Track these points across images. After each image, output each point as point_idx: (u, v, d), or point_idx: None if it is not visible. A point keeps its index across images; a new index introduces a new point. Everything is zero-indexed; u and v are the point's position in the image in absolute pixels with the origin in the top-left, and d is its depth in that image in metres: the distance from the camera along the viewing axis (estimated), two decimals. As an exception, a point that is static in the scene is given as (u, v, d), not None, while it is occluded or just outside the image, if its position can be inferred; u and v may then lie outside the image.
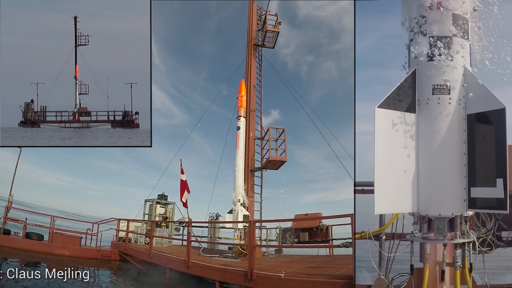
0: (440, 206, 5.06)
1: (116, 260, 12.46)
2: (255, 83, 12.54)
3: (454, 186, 5.02)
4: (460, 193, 5.01)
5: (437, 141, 5.10)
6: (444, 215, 5.06)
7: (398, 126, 5.11)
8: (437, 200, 5.07)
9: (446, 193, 5.05)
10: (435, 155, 5.09)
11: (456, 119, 5.08)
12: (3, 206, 11.98)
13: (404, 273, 6.30)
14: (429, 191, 5.11)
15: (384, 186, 4.95)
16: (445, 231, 5.07)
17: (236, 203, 10.76)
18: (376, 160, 4.92)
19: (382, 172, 4.95)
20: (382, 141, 4.96)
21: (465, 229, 5.15)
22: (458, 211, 5.04)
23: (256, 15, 13.14)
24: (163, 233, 13.63)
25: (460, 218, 5.09)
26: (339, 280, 6.31)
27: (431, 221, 5.20)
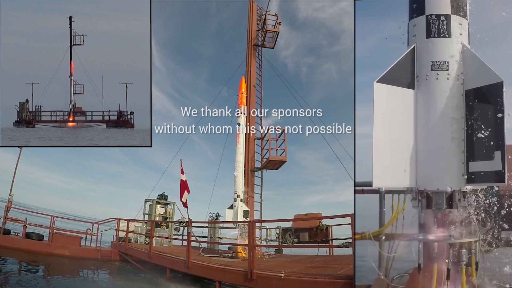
0: (439, 181, 5.11)
1: (116, 260, 12.46)
2: (255, 83, 12.55)
3: (453, 161, 5.08)
4: (459, 168, 5.07)
5: (435, 116, 5.16)
6: (443, 189, 5.11)
7: (396, 101, 5.18)
8: (435, 175, 5.12)
9: (444, 168, 5.10)
10: (434, 130, 5.15)
11: (454, 95, 5.14)
12: (3, 207, 11.96)
13: (404, 273, 6.31)
14: (427, 166, 5.16)
15: (382, 160, 5.02)
16: (443, 206, 5.10)
17: (236, 198, 10.80)
18: (375, 134, 4.98)
19: (381, 146, 5.02)
20: (381, 115, 5.03)
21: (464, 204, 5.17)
22: (456, 186, 5.09)
23: (256, 15, 13.15)
24: (163, 233, 13.63)
25: (459, 193, 5.12)
26: (339, 280, 6.31)
27: (430, 197, 5.21)
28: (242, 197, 10.83)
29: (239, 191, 10.87)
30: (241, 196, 10.82)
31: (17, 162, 11.79)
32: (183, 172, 11.24)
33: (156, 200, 14.04)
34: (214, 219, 11.97)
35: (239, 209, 10.71)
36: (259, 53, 12.99)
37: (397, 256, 6.86)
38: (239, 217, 10.65)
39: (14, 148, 11.73)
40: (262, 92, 12.64)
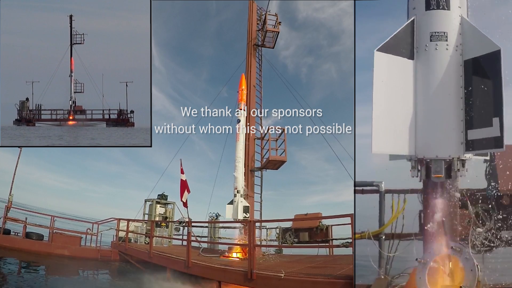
0: (438, 149, 5.18)
1: (116, 260, 12.46)
2: (255, 83, 12.55)
3: (452, 129, 5.16)
4: (457, 136, 5.15)
5: (434, 86, 5.25)
6: (442, 157, 5.17)
7: (396, 70, 5.27)
8: (434, 142, 5.20)
9: (443, 135, 5.18)
10: (433, 99, 5.23)
11: (453, 65, 5.23)
12: (3, 208, 11.95)
13: (404, 273, 6.31)
14: (426, 134, 5.24)
15: (381, 126, 5.11)
16: (442, 174, 5.13)
17: (237, 194, 10.81)
18: (375, 101, 5.08)
19: (380, 113, 5.10)
20: (381, 83, 5.11)
21: (463, 173, 5.19)
22: (455, 153, 5.16)
23: (256, 15, 13.16)
24: (163, 233, 13.63)
25: (458, 161, 5.16)
26: (339, 280, 6.31)
27: (429, 167, 5.22)
28: (242, 193, 10.84)
29: (239, 186, 10.89)
30: (241, 191, 10.83)
31: (17, 162, 11.79)
32: (183, 172, 11.24)
33: (156, 200, 14.03)
34: (214, 219, 11.97)
35: (239, 204, 10.73)
36: (259, 53, 13.00)
37: (397, 255, 6.87)
38: (239, 213, 10.67)
39: (14, 148, 11.72)
40: (262, 92, 12.65)
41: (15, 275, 10.98)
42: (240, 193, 10.80)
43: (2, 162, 12.34)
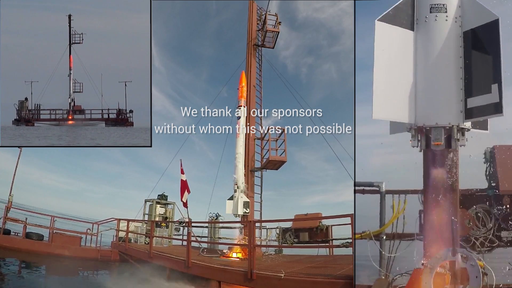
0: (437, 116, 5.28)
1: (116, 260, 12.45)
2: (255, 83, 12.55)
3: (451, 98, 5.26)
4: (457, 105, 5.25)
5: (434, 56, 5.37)
6: (441, 124, 5.26)
7: (397, 40, 5.40)
8: (434, 110, 5.30)
9: (443, 104, 5.28)
10: (432, 69, 5.35)
11: (452, 36, 5.35)
12: (3, 208, 11.94)
13: (404, 273, 6.31)
14: (426, 102, 5.35)
15: (382, 93, 5.22)
16: (442, 141, 5.19)
17: (237, 189, 10.82)
18: (375, 69, 5.20)
19: (381, 80, 5.21)
20: (381, 51, 5.24)
21: (462, 143, 5.25)
22: (455, 121, 5.24)
23: (256, 15, 13.16)
24: (163, 233, 13.63)
25: (457, 129, 5.24)
26: (339, 280, 6.32)
27: (429, 137, 5.30)
28: (242, 188, 10.84)
29: (239, 182, 10.89)
30: (241, 187, 10.83)
31: (17, 162, 11.78)
32: (183, 172, 11.25)
33: (156, 200, 14.03)
34: (214, 219, 11.98)
35: (239, 200, 10.73)
36: (259, 53, 13.00)
37: (397, 256, 6.87)
38: (239, 208, 10.68)
39: (14, 149, 11.71)
40: (262, 92, 12.65)
41: (15, 275, 10.98)
42: (240, 189, 10.80)
43: (2, 162, 12.34)
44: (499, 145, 7.24)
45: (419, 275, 5.12)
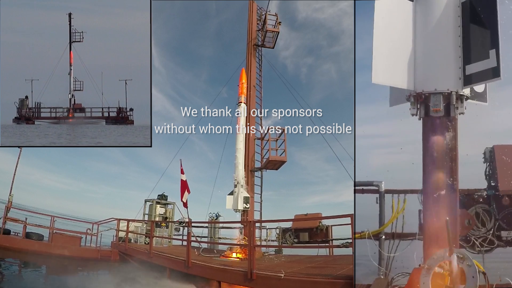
0: (436, 82, 5.36)
1: (116, 260, 12.45)
2: (255, 83, 12.55)
3: (450, 65, 5.34)
4: (456, 72, 5.31)
5: (432, 25, 5.46)
6: (440, 90, 5.32)
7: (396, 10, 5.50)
8: (433, 76, 5.38)
9: (441, 70, 5.36)
10: (431, 37, 5.45)
11: (451, 5, 5.43)
12: (3, 209, 11.94)
13: (404, 273, 6.32)
14: (425, 68, 5.43)
15: (381, 58, 5.31)
16: (441, 107, 5.23)
17: (237, 184, 10.83)
18: (375, 34, 5.28)
19: (380, 45, 5.30)
20: (381, 19, 5.32)
21: (461, 110, 5.29)
22: (453, 87, 5.30)
23: (256, 15, 13.15)
24: (163, 233, 13.64)
25: (456, 95, 5.30)
26: (339, 280, 6.32)
27: (428, 106, 5.36)
28: (242, 184, 10.85)
29: (239, 177, 10.89)
30: (241, 182, 10.83)
31: (17, 162, 11.77)
32: (183, 172, 11.25)
33: (156, 200, 14.04)
34: (214, 219, 11.98)
35: (239, 195, 10.73)
36: (259, 53, 13.00)
37: (397, 255, 6.87)
38: (240, 203, 10.68)
39: (14, 149, 11.70)
40: (262, 92, 12.65)
41: (15, 275, 10.98)
42: (240, 184, 10.81)
43: (2, 162, 12.34)
44: (499, 145, 7.24)
45: (419, 275, 5.12)
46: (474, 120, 5.87)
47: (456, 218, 5.29)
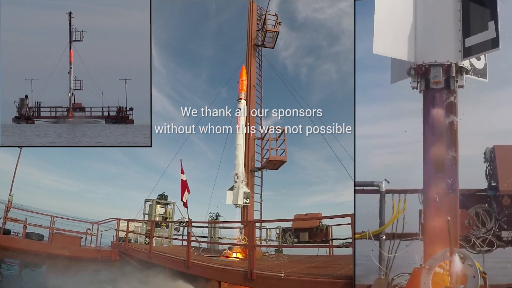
0: (436, 53, 5.42)
1: (116, 260, 12.44)
2: (255, 83, 12.54)
3: (450, 38, 5.41)
4: (455, 44, 5.38)
5: None
6: (440, 61, 5.37)
7: None
8: (433, 48, 5.45)
9: (442, 42, 5.43)
10: (432, 10, 5.50)
11: None
12: (3, 209, 11.93)
13: (404, 273, 6.31)
14: (426, 41, 5.50)
15: (383, 29, 5.38)
16: (441, 79, 5.27)
17: (237, 180, 10.84)
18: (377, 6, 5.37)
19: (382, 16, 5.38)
20: None
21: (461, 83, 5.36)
22: (453, 59, 5.36)
23: (256, 15, 13.15)
24: (163, 233, 13.63)
25: (456, 68, 5.35)
26: (339, 280, 6.32)
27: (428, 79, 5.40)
28: (242, 179, 10.85)
29: (239, 172, 10.89)
30: (241, 177, 10.83)
31: (17, 162, 11.76)
32: (183, 172, 11.24)
33: (156, 200, 14.03)
34: (214, 219, 11.97)
35: (239, 190, 10.73)
36: (259, 53, 12.99)
37: (397, 255, 6.87)
38: (240, 198, 10.69)
39: (14, 149, 11.70)
40: (262, 92, 12.65)
41: (15, 275, 10.98)
42: (240, 179, 10.80)
43: (2, 162, 12.34)
44: (499, 145, 7.24)
45: (419, 275, 5.11)
46: (474, 120, 5.88)
47: (457, 218, 5.29)
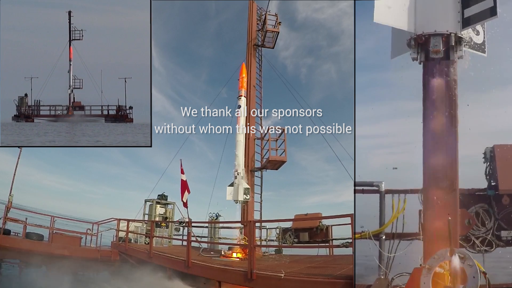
0: (436, 23, 5.50)
1: (116, 260, 12.45)
2: (255, 83, 12.54)
3: (449, 8, 5.49)
4: (455, 15, 5.47)
5: None
6: (440, 31, 5.44)
7: None
8: (432, 18, 5.53)
9: (441, 12, 5.51)
10: None
11: None
12: (3, 209, 11.93)
13: (404, 273, 6.31)
14: (425, 11, 5.57)
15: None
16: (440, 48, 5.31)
17: (237, 176, 10.85)
18: None
19: None
20: None
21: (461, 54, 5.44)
22: (453, 29, 5.44)
23: (256, 15, 13.15)
24: (163, 233, 13.63)
25: (455, 38, 5.43)
26: (339, 280, 6.32)
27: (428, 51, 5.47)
28: (242, 175, 10.85)
29: (239, 168, 10.89)
30: (241, 173, 10.83)
31: (17, 163, 11.77)
32: (183, 172, 11.24)
33: (156, 200, 14.03)
34: (214, 219, 11.97)
35: (239, 186, 10.73)
36: (259, 53, 12.99)
37: (397, 255, 6.87)
38: (240, 194, 10.70)
39: (14, 149, 11.70)
40: (262, 92, 12.65)
41: (15, 276, 10.97)
42: (240, 175, 10.81)
43: (2, 163, 12.33)
44: (499, 145, 7.24)
45: (419, 275, 5.11)
46: (474, 120, 5.88)
47: (456, 218, 5.28)
